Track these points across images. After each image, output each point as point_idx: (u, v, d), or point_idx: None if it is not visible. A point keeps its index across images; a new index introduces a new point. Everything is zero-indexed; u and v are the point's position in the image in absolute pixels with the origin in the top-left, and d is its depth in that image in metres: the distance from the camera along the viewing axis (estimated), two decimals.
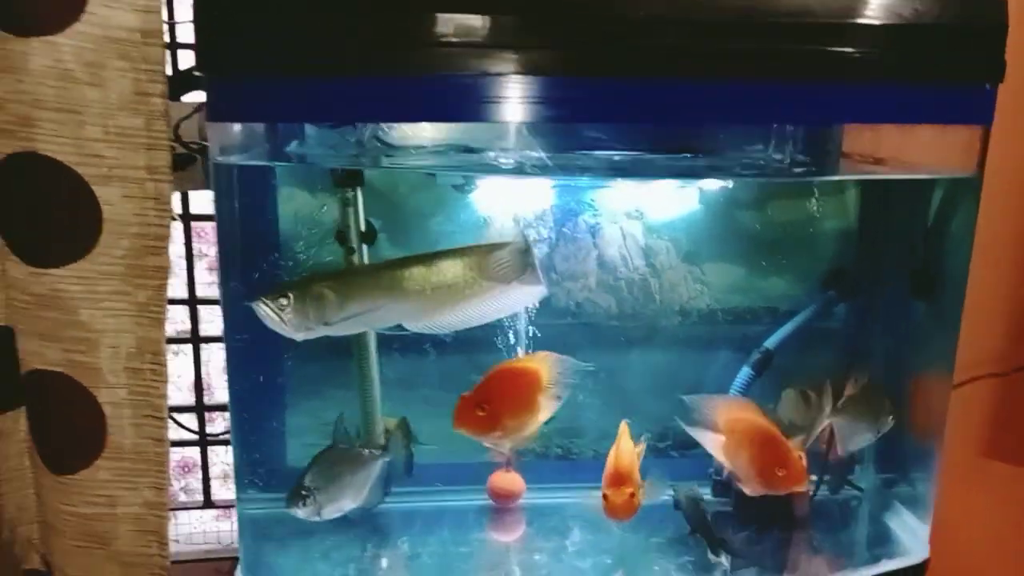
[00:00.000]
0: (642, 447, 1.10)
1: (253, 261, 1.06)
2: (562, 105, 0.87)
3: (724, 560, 1.07)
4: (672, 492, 1.17)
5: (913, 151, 1.05)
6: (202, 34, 0.83)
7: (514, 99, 0.86)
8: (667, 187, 1.18)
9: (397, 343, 1.19)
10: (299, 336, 0.94)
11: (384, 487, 1.15)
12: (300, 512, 1.02)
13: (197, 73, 0.86)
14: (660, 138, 1.11)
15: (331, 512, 1.05)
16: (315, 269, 1.13)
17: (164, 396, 0.99)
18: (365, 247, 1.12)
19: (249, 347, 1.03)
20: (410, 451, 1.16)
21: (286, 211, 1.12)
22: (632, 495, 1.01)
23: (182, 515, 1.44)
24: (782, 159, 1.14)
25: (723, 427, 1.04)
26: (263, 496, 1.12)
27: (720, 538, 1.11)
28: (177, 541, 1.45)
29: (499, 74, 0.85)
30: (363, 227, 1.11)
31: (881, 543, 1.15)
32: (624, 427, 1.09)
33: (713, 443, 1.05)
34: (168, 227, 0.97)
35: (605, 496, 1.02)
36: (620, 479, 1.02)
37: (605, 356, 1.23)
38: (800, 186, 1.15)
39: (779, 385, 1.17)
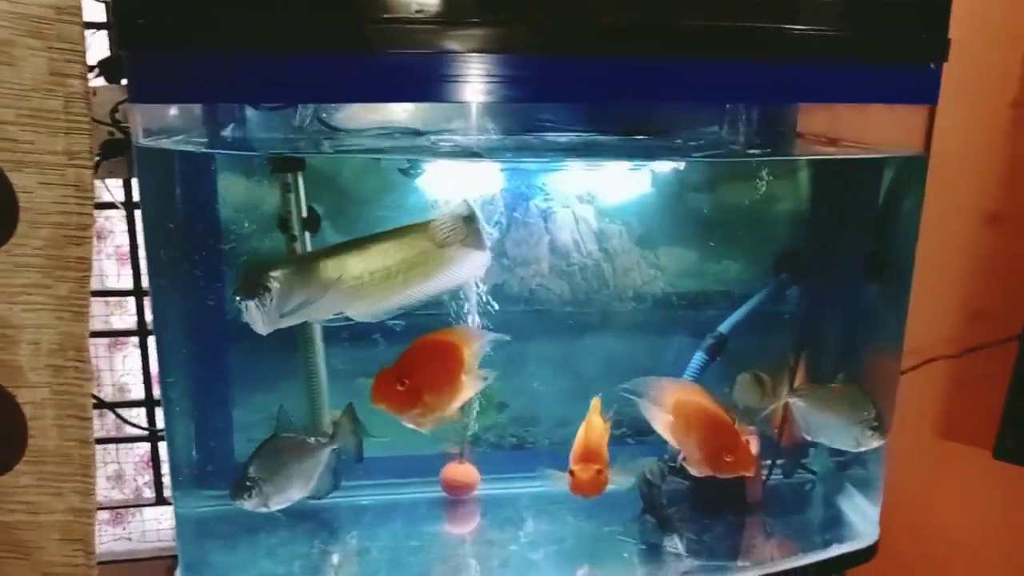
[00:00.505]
0: (608, 424, 1.08)
1: (182, 253, 1.01)
2: (513, 85, 0.83)
3: (676, 543, 1.07)
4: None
5: (865, 131, 1.04)
6: (120, 6, 0.78)
7: (462, 78, 0.82)
8: (619, 170, 1.16)
9: (345, 332, 1.16)
10: (268, 329, 0.90)
11: (334, 477, 1.12)
12: (246, 504, 0.99)
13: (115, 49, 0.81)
14: (612, 120, 1.09)
15: (278, 502, 1.02)
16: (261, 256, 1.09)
17: (89, 395, 0.95)
18: (308, 235, 1.08)
19: (180, 340, 0.99)
20: (359, 438, 1.12)
21: (219, 198, 1.07)
22: (599, 472, 0.99)
23: (137, 511, 1.39)
24: (735, 140, 1.12)
25: (671, 408, 1.03)
26: (205, 492, 1.08)
27: (670, 518, 1.09)
28: (130, 539, 1.41)
29: (447, 52, 0.81)
30: (305, 214, 1.07)
31: (833, 526, 1.16)
32: (595, 402, 1.07)
33: (663, 423, 1.04)
34: (91, 216, 0.93)
35: (572, 472, 1.00)
36: (588, 455, 1.01)
37: (559, 343, 1.22)
38: (753, 168, 1.13)
39: (734, 369, 1.17)
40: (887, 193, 1.10)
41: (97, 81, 1.01)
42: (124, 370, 1.53)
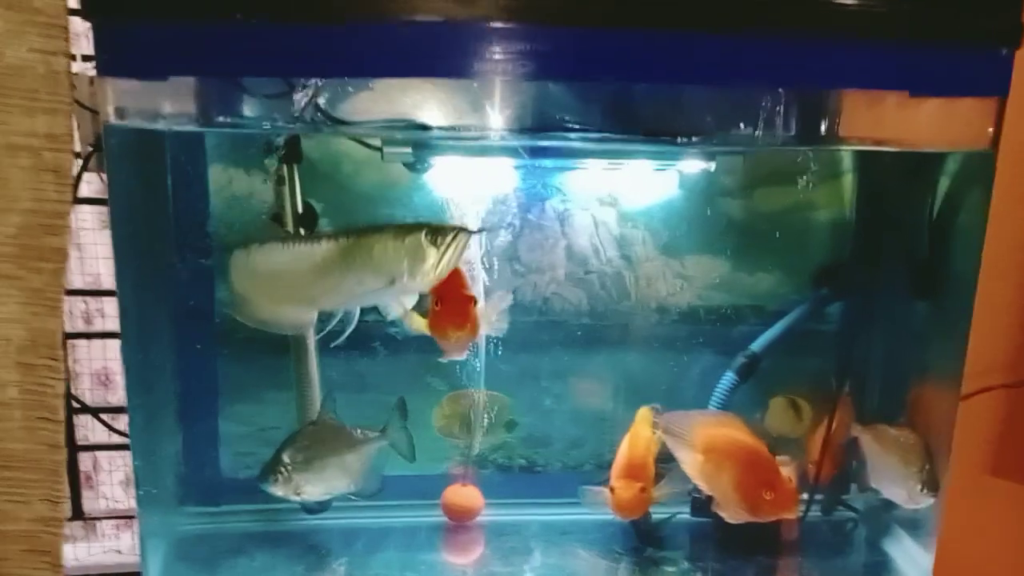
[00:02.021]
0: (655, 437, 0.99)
1: (154, 247, 0.93)
2: (527, 60, 0.74)
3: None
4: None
5: (917, 132, 0.93)
6: None
7: (472, 52, 0.73)
8: (644, 170, 1.06)
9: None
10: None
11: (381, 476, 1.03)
12: (274, 489, 0.95)
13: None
14: (639, 119, 0.99)
15: (313, 493, 0.97)
16: None
17: (61, 396, 0.87)
18: (303, 232, 0.99)
19: (148, 342, 0.91)
20: (410, 435, 1.03)
21: (204, 188, 1.01)
22: (643, 490, 0.91)
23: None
24: (772, 142, 1.02)
25: (700, 446, 0.93)
26: (172, 507, 1.00)
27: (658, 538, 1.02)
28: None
29: (455, 21, 0.72)
30: (300, 209, 0.99)
31: (878, 571, 1.04)
32: (643, 413, 0.99)
33: (692, 465, 0.94)
34: (69, 203, 0.85)
35: (612, 489, 0.92)
36: (631, 471, 0.92)
37: (574, 357, 1.12)
38: (791, 168, 1.03)
39: (766, 393, 1.09)
40: (947, 198, 0.98)
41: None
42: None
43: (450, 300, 0.87)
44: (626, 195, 1.07)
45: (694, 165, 1.01)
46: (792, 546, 1.03)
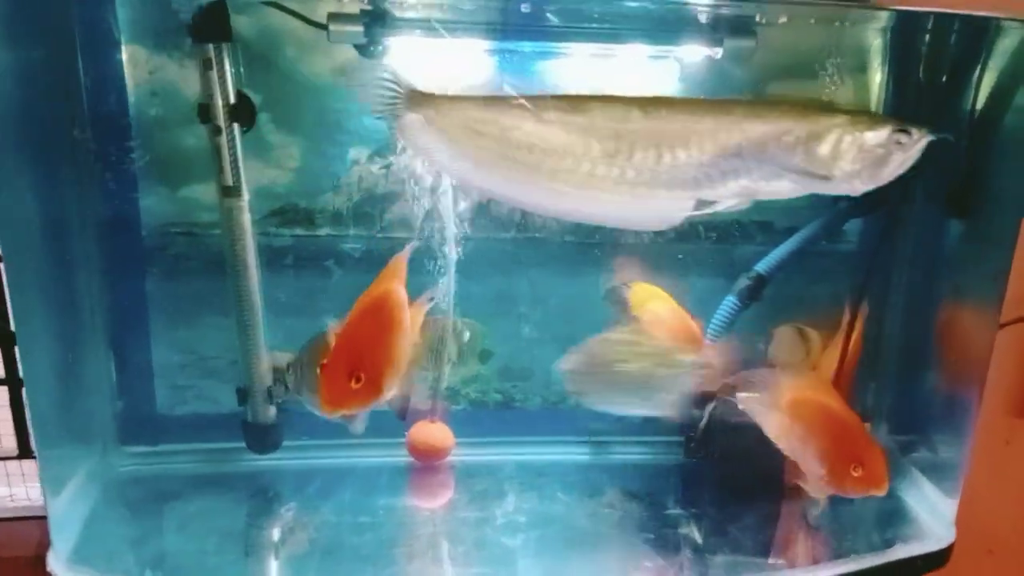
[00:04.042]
0: None
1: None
2: None
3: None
4: None
5: None
6: None
7: None
8: (638, 59, 0.91)
9: (289, 257, 0.94)
10: None
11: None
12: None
13: None
14: None
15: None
16: None
17: None
18: (237, 128, 0.85)
19: (42, 256, 0.78)
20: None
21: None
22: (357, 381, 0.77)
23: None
24: None
25: (787, 407, 0.87)
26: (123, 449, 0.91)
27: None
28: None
29: None
30: (232, 100, 0.84)
31: (895, 523, 0.94)
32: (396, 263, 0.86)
33: (775, 425, 0.87)
34: None
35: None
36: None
37: (557, 280, 1.01)
38: (811, 59, 0.88)
39: (771, 320, 0.99)
40: (994, 89, 0.83)
41: None
42: None
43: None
44: (617, 90, 0.92)
45: (696, 51, 0.86)
46: (795, 492, 0.92)
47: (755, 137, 0.68)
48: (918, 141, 0.68)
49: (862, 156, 0.68)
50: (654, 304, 0.94)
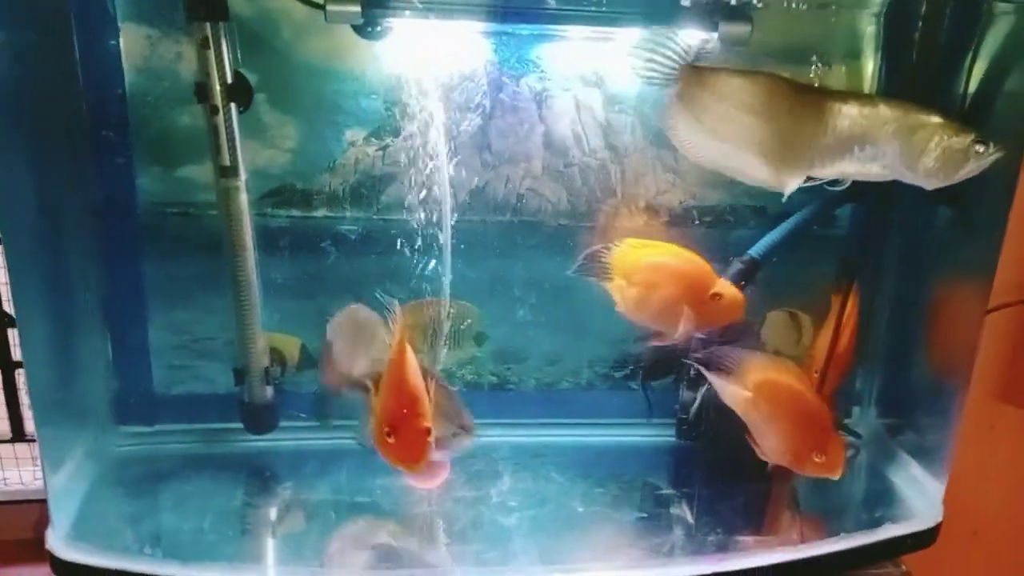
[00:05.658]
0: None
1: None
2: None
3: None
4: None
5: None
6: None
7: None
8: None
9: (286, 235, 0.94)
10: None
11: None
12: None
13: None
14: None
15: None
16: None
17: None
18: (234, 108, 0.85)
19: (44, 239, 0.78)
20: None
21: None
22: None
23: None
24: None
25: (752, 384, 0.88)
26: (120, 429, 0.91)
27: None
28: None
29: None
30: (229, 79, 0.84)
31: (882, 502, 0.96)
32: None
33: (740, 400, 0.88)
34: None
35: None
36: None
37: (552, 263, 1.00)
38: (807, 44, 0.88)
39: (764, 304, 0.99)
40: (991, 69, 0.84)
41: None
42: None
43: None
44: (613, 74, 0.93)
45: (692, 36, 0.86)
46: (786, 473, 0.93)
47: (864, 125, 0.75)
48: (991, 155, 0.75)
49: (944, 156, 0.75)
50: (654, 252, 0.93)
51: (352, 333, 0.93)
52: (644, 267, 0.91)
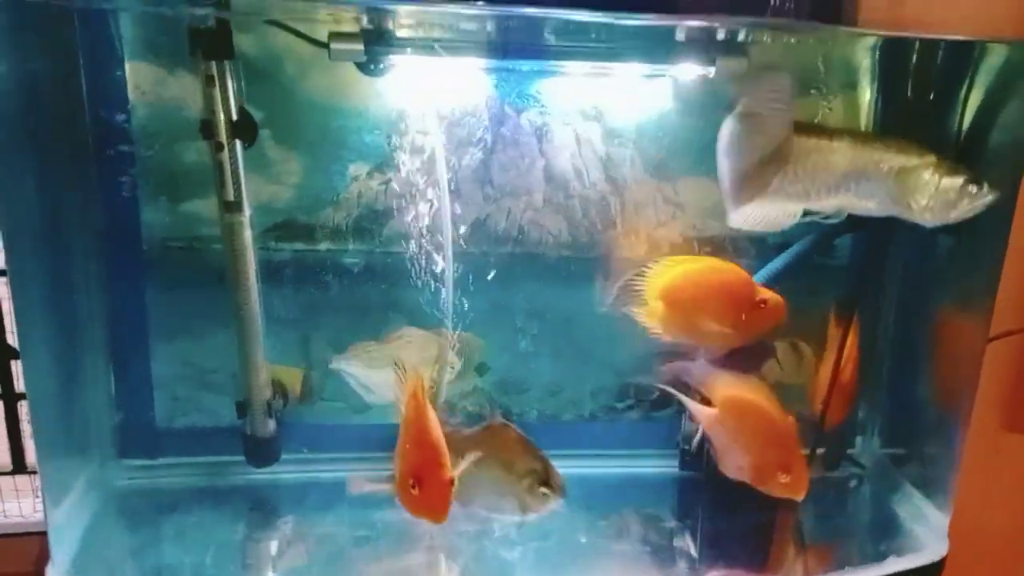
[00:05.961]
0: None
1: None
2: None
3: None
4: None
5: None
6: None
7: None
8: (633, 77, 0.92)
9: (289, 268, 0.95)
10: None
11: None
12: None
13: None
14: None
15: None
16: None
17: None
18: (239, 145, 0.86)
19: (48, 271, 0.79)
20: None
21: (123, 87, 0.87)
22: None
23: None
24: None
25: (719, 400, 0.89)
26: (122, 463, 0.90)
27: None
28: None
29: None
30: (235, 116, 0.85)
31: (887, 535, 0.95)
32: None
33: (706, 416, 0.90)
34: None
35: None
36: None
37: (553, 294, 1.02)
38: (804, 79, 0.89)
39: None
40: (983, 107, 0.85)
41: None
42: None
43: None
44: (613, 108, 0.94)
45: (690, 71, 0.87)
46: (790, 504, 0.92)
47: (859, 162, 0.78)
48: (984, 196, 0.77)
49: (937, 195, 0.77)
50: (694, 268, 0.93)
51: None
52: (687, 284, 0.92)
